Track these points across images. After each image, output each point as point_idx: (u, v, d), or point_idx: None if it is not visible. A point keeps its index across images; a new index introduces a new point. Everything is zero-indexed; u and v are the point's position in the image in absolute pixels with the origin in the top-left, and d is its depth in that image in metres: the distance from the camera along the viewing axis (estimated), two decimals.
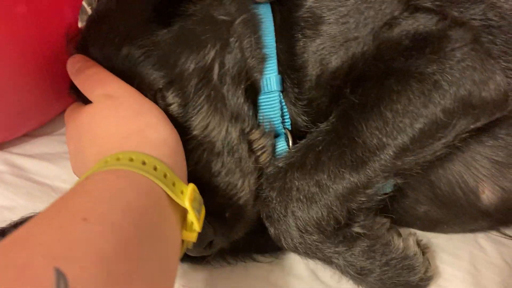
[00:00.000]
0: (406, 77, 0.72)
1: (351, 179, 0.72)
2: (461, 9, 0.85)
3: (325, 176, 0.72)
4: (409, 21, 0.76)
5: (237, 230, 0.74)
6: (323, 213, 0.72)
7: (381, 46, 0.75)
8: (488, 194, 0.84)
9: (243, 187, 0.73)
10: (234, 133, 0.74)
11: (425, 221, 0.91)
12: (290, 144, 0.80)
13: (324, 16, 0.80)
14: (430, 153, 0.74)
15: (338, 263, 0.77)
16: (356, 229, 0.75)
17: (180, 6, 0.78)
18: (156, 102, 0.72)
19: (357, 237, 0.76)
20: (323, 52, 0.79)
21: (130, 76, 0.72)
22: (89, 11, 0.86)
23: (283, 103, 0.81)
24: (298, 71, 0.80)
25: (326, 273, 0.83)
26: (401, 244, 0.78)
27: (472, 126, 0.74)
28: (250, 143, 0.76)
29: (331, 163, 0.72)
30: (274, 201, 0.74)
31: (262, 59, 0.80)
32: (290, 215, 0.73)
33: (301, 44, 0.80)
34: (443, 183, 0.83)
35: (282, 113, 0.81)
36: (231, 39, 0.78)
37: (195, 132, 0.74)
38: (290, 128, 0.81)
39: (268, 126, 0.79)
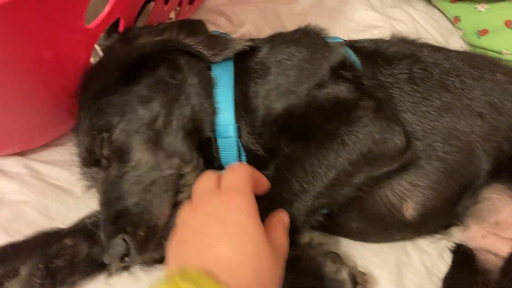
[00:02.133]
0: (322, 138, 0.88)
1: None
2: (387, 68, 1.02)
3: None
4: (333, 86, 0.92)
5: (149, 247, 0.83)
6: None
7: (311, 104, 0.91)
8: (411, 212, 0.97)
9: (157, 212, 0.83)
10: (164, 170, 0.86)
11: (357, 234, 1.04)
12: None
13: (271, 68, 0.97)
14: (344, 195, 0.89)
15: None
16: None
17: (145, 70, 0.95)
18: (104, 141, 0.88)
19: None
20: (270, 98, 0.94)
21: (96, 117, 0.90)
22: (99, 52, 1.07)
23: (240, 145, 0.93)
24: (251, 113, 0.94)
25: None
26: (333, 269, 0.87)
27: (375, 174, 0.90)
28: (179, 178, 0.88)
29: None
30: None
31: (213, 113, 0.94)
32: None
33: (253, 89, 0.95)
34: (370, 204, 0.96)
35: (240, 153, 0.94)
36: (181, 97, 0.93)
37: (131, 164, 0.87)
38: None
39: (200, 163, 0.91)
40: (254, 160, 0.97)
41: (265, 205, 0.82)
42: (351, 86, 0.92)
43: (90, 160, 0.93)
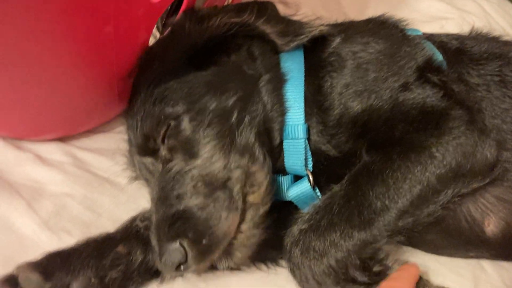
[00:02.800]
0: (407, 149, 0.81)
1: (359, 237, 0.79)
2: (474, 69, 0.94)
3: (337, 235, 0.79)
4: (419, 90, 0.84)
5: (209, 258, 0.77)
6: (337, 265, 0.78)
7: (395, 109, 0.83)
8: (492, 228, 0.91)
9: (225, 222, 0.76)
10: (233, 169, 0.80)
11: (430, 246, 0.97)
12: (311, 182, 0.87)
13: (347, 60, 0.88)
14: (428, 215, 0.81)
15: None
16: (365, 278, 0.81)
17: (216, 56, 0.87)
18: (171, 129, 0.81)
19: (368, 284, 0.81)
20: (347, 95, 0.86)
21: (160, 102, 0.82)
22: (157, 35, 0.97)
23: (308, 148, 0.87)
24: (324, 111, 0.87)
25: None
26: None
27: (464, 191, 0.82)
28: (248, 178, 0.81)
29: (342, 223, 0.79)
30: (298, 258, 0.80)
31: (283, 112, 0.87)
32: (308, 270, 0.80)
33: (328, 85, 0.87)
34: (450, 216, 0.89)
35: (306, 157, 0.87)
36: (255, 93, 0.86)
37: (198, 162, 0.80)
38: (311, 170, 0.88)
39: (268, 163, 0.84)
40: (324, 163, 0.89)
41: (340, 224, 0.79)
42: (439, 92, 0.84)
43: (146, 148, 0.85)
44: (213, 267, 0.83)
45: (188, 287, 0.86)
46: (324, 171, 0.90)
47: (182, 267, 0.75)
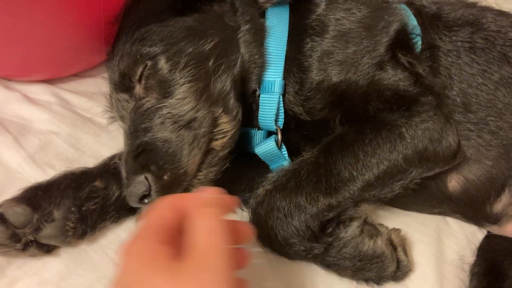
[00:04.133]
0: (380, 126, 0.85)
1: (325, 202, 0.82)
2: (447, 35, 0.97)
3: (303, 198, 0.82)
4: (393, 72, 0.88)
5: (172, 193, 0.77)
6: (300, 226, 0.81)
7: (371, 86, 0.87)
8: (453, 183, 0.96)
9: (187, 159, 0.79)
10: (202, 113, 0.82)
11: (398, 202, 1.01)
12: (279, 138, 0.90)
13: (329, 26, 0.90)
14: (390, 191, 0.86)
15: (318, 264, 0.87)
16: (327, 238, 0.84)
17: (199, 3, 0.89)
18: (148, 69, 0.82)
19: (330, 242, 0.84)
20: (327, 62, 0.88)
21: (139, 42, 0.84)
22: None
23: (281, 104, 0.89)
24: (303, 72, 0.89)
25: None
26: (371, 245, 0.85)
27: (425, 175, 0.87)
28: (215, 125, 0.84)
29: (309, 188, 0.82)
30: (262, 219, 0.83)
31: (262, 65, 0.89)
32: (271, 230, 0.83)
33: (309, 46, 0.89)
34: None
35: (278, 112, 0.89)
36: (233, 42, 0.88)
37: (171, 101, 0.82)
38: (281, 127, 0.90)
39: (238, 115, 0.86)
40: (294, 126, 0.92)
41: (307, 188, 0.81)
42: (411, 76, 0.88)
43: (122, 86, 0.87)
44: None
45: None
46: (293, 133, 0.93)
47: (146, 199, 0.76)
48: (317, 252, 0.83)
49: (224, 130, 0.85)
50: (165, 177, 0.77)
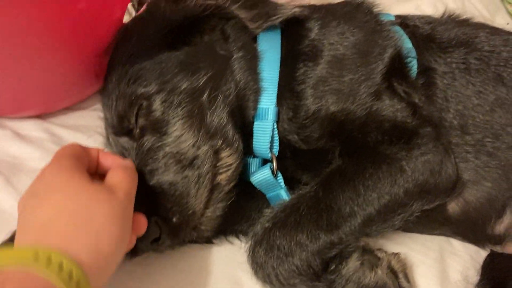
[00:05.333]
0: (380, 160, 0.84)
1: (326, 239, 0.81)
2: (441, 57, 0.97)
3: (304, 236, 0.80)
4: (390, 102, 0.87)
5: (182, 234, 0.81)
6: (302, 265, 0.80)
7: (369, 117, 0.86)
8: (453, 206, 0.96)
9: (194, 200, 0.80)
10: (203, 149, 0.82)
11: (406, 222, 0.96)
12: (275, 166, 0.88)
13: (323, 51, 0.89)
14: (390, 225, 0.85)
15: None
16: (329, 276, 0.83)
17: (189, 36, 0.89)
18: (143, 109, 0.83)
19: (332, 280, 0.83)
20: (323, 90, 0.87)
21: (134, 82, 0.84)
22: (133, 12, 0.99)
23: (275, 131, 0.88)
24: (296, 97, 0.88)
25: None
26: (372, 277, 0.84)
27: (425, 207, 0.86)
28: (218, 160, 0.84)
29: (310, 225, 0.81)
30: (262, 258, 0.82)
31: (257, 91, 0.89)
32: (271, 270, 0.81)
33: (302, 72, 0.89)
34: None
35: (272, 140, 0.88)
36: (227, 72, 0.87)
37: (169, 139, 0.82)
38: (276, 154, 0.89)
39: (239, 146, 0.86)
40: (291, 155, 0.92)
41: (307, 225, 0.81)
42: (408, 107, 0.88)
43: (121, 128, 0.87)
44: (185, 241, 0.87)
45: (159, 259, 0.88)
46: (290, 162, 0.93)
47: (157, 242, 0.78)
48: None
49: (227, 164, 0.85)
50: (174, 219, 0.79)
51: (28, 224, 0.63)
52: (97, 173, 0.77)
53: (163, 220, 0.78)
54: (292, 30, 0.94)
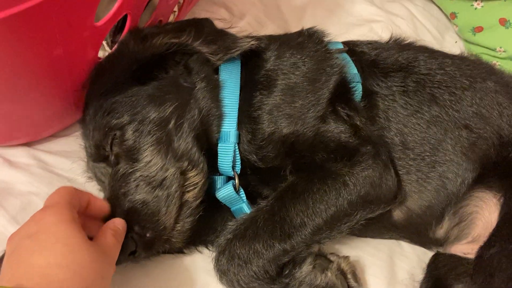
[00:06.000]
0: (326, 175, 0.94)
1: (280, 247, 0.90)
2: (383, 81, 1.07)
3: (260, 245, 0.90)
4: (334, 124, 0.97)
5: (155, 247, 0.90)
6: (259, 271, 0.89)
7: (316, 138, 0.96)
8: (397, 213, 1.06)
9: (165, 217, 0.89)
10: (171, 171, 0.91)
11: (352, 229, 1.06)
12: (237, 183, 0.97)
13: (277, 80, 0.99)
14: (338, 233, 0.95)
15: None
16: (284, 279, 0.93)
17: (156, 71, 0.98)
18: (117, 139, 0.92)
19: (287, 283, 0.92)
20: (276, 116, 0.96)
21: (108, 114, 0.93)
22: (107, 48, 1.09)
23: (237, 152, 0.97)
24: (254, 122, 0.97)
25: None
26: (323, 279, 0.93)
27: (369, 216, 0.96)
28: (185, 179, 0.93)
29: (265, 235, 0.90)
30: (225, 266, 0.91)
31: (220, 117, 0.97)
32: (233, 276, 0.90)
33: (258, 99, 0.98)
34: None
35: (234, 159, 0.97)
36: (192, 101, 0.96)
37: (140, 165, 0.91)
38: (238, 172, 0.98)
39: (204, 166, 0.95)
40: (251, 172, 1.01)
41: (263, 236, 0.90)
42: (351, 128, 0.98)
43: (98, 156, 0.97)
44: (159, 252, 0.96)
45: (137, 267, 0.97)
46: (251, 177, 1.02)
47: (133, 255, 0.88)
48: None
49: (194, 183, 0.94)
50: (148, 235, 0.88)
51: (25, 265, 0.67)
52: (84, 215, 0.86)
53: (138, 236, 0.87)
54: (251, 61, 1.03)
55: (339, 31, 1.17)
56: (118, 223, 0.86)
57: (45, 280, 0.65)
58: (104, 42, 1.09)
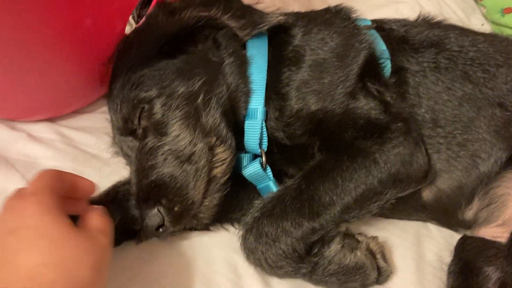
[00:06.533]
0: (356, 153, 0.92)
1: (308, 226, 0.88)
2: (414, 57, 1.05)
3: (289, 223, 0.88)
4: (364, 100, 0.95)
5: (183, 221, 0.89)
6: (287, 250, 0.88)
7: (346, 115, 0.94)
8: (427, 193, 1.04)
9: (193, 191, 0.88)
10: (199, 146, 0.90)
11: (382, 209, 1.04)
12: (264, 161, 0.96)
13: (305, 56, 0.97)
14: (367, 212, 0.93)
15: (306, 281, 0.93)
16: (313, 258, 0.91)
17: (185, 45, 0.97)
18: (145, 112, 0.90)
19: (316, 262, 0.91)
20: (304, 92, 0.95)
21: (136, 88, 0.92)
22: (133, 24, 1.07)
23: (264, 129, 0.96)
24: (282, 99, 0.96)
25: None
26: (352, 258, 0.91)
27: (399, 195, 0.94)
28: (213, 155, 0.92)
29: (293, 214, 0.89)
30: (252, 244, 0.90)
31: (247, 93, 0.96)
32: (261, 255, 0.89)
33: (286, 75, 0.96)
34: None
35: (261, 137, 0.96)
36: (219, 76, 0.95)
37: (168, 139, 0.90)
38: (265, 150, 0.97)
39: (232, 143, 0.93)
40: (277, 150, 0.99)
41: (292, 214, 0.88)
42: (381, 105, 0.96)
43: (125, 129, 0.96)
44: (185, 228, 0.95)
45: (163, 244, 0.97)
46: (277, 156, 1.01)
47: (160, 229, 0.87)
48: (305, 271, 0.90)
49: (222, 159, 0.93)
50: (176, 209, 0.87)
51: (10, 266, 0.61)
52: (69, 196, 0.78)
53: (166, 209, 0.86)
54: (278, 37, 1.02)
55: (364, 11, 1.14)
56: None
57: (33, 282, 0.60)
58: (130, 17, 1.07)
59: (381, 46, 1.05)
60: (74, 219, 0.72)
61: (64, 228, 0.65)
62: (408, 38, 1.10)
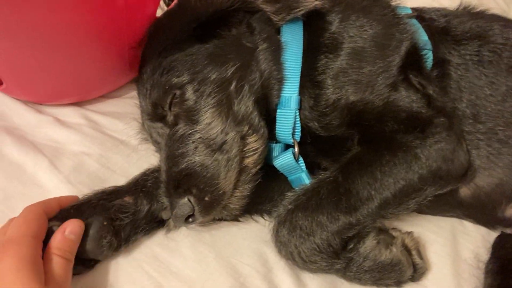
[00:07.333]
0: (396, 147, 0.89)
1: (345, 220, 0.86)
2: (456, 49, 1.01)
3: (324, 217, 0.86)
4: (406, 93, 0.92)
5: (213, 212, 0.87)
6: (322, 244, 0.85)
7: (387, 107, 0.91)
8: (464, 190, 1.01)
9: (224, 181, 0.86)
10: (231, 135, 0.87)
11: (420, 206, 1.00)
12: (296, 151, 0.94)
13: (343, 43, 0.93)
14: (405, 208, 0.90)
15: (340, 277, 0.91)
16: (348, 254, 0.89)
17: (217, 29, 0.93)
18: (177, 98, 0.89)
19: (350, 258, 0.89)
20: (343, 81, 0.91)
21: (167, 73, 0.89)
22: (164, 7, 1.04)
23: (297, 119, 0.93)
24: (317, 87, 0.92)
25: None
26: (388, 255, 0.89)
27: (438, 192, 0.91)
28: (245, 144, 0.89)
29: (330, 207, 0.86)
30: (285, 237, 0.87)
31: (280, 81, 0.93)
32: (294, 248, 0.87)
33: (322, 62, 0.93)
34: None
35: (294, 126, 0.93)
36: (253, 62, 0.92)
37: (200, 126, 0.88)
38: (298, 140, 0.94)
39: (264, 132, 0.91)
40: (311, 141, 0.96)
41: (328, 207, 0.86)
42: (423, 98, 0.92)
43: (155, 115, 0.94)
44: (214, 219, 0.93)
45: (192, 234, 0.95)
46: (310, 147, 0.98)
47: (190, 219, 0.85)
48: (339, 267, 0.88)
49: (254, 148, 0.90)
50: (206, 198, 0.85)
51: None
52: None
53: (196, 199, 0.84)
54: (314, 23, 0.98)
55: (399, 0, 1.08)
56: (69, 230, 0.81)
57: None
58: (162, 1, 1.04)
59: (423, 37, 1.00)
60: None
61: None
62: (450, 29, 1.06)
